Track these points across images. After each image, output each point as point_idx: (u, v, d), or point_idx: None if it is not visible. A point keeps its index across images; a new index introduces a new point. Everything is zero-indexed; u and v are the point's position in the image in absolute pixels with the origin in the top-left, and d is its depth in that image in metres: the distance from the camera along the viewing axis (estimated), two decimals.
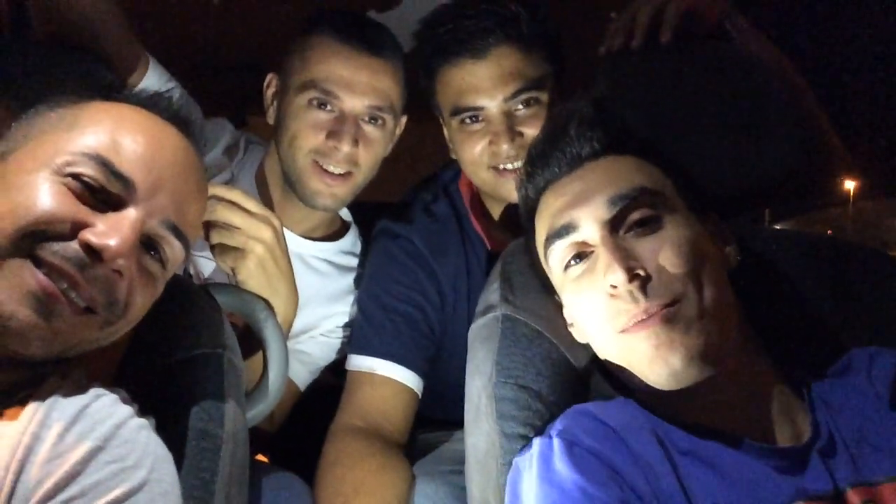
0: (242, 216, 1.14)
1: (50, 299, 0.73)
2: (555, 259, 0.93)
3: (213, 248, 1.17)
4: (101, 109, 0.84)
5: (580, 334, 0.96)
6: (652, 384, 0.85)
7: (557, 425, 0.86)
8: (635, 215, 0.88)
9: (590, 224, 0.89)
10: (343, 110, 1.33)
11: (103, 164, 0.78)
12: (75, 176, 0.77)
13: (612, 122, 0.99)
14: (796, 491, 0.78)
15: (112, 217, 0.77)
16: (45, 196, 0.75)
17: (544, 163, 0.98)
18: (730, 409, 0.85)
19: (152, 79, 1.24)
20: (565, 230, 0.91)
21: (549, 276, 0.98)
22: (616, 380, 0.95)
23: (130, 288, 0.80)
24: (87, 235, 0.74)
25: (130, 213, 0.78)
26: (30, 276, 0.72)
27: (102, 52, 1.11)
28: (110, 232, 0.75)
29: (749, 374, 0.86)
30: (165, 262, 0.85)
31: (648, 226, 0.87)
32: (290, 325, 1.29)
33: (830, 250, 1.10)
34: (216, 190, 1.14)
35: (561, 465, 0.79)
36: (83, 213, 0.76)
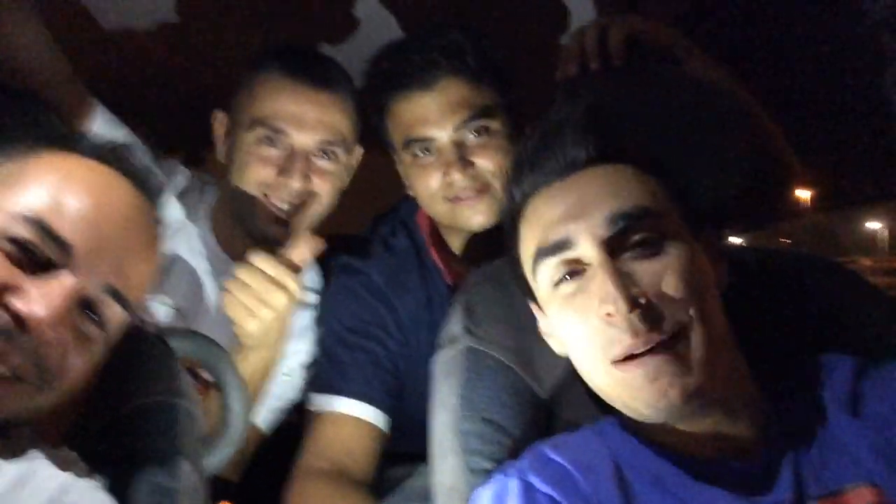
0: (259, 279, 1.14)
1: None
2: (544, 275, 0.86)
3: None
4: (47, 164, 0.80)
5: (560, 347, 0.91)
6: (640, 417, 0.81)
7: (516, 466, 0.84)
8: (637, 236, 0.82)
9: (587, 241, 0.81)
10: (293, 146, 1.32)
11: (40, 226, 0.74)
12: (11, 239, 0.73)
13: (609, 129, 0.92)
14: None
15: (44, 283, 0.73)
16: None
17: (536, 165, 0.90)
18: (706, 429, 0.82)
19: (99, 123, 1.21)
20: (559, 246, 0.83)
21: (534, 289, 0.91)
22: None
23: (64, 354, 0.75)
24: (15, 302, 0.71)
25: (64, 280, 0.74)
26: None
27: (45, 97, 1.08)
28: (39, 300, 0.72)
29: (733, 396, 0.84)
30: (104, 324, 0.80)
31: (649, 247, 0.81)
32: (269, 374, 1.30)
33: (787, 263, 1.11)
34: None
35: None
36: (14, 276, 0.72)
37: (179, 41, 1.69)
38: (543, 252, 0.85)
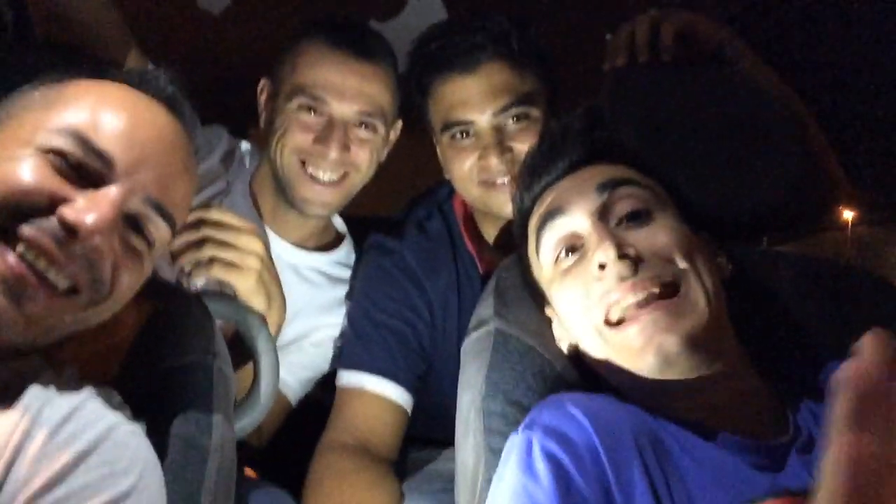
0: (231, 233, 1.13)
1: (19, 283, 0.71)
2: (545, 251, 0.93)
3: (186, 265, 1.13)
4: (83, 87, 0.83)
5: (568, 337, 0.95)
6: (640, 371, 0.84)
7: (531, 416, 0.85)
8: (625, 206, 0.88)
9: (580, 212, 0.89)
10: (332, 115, 1.32)
11: (81, 139, 0.77)
12: (55, 151, 0.76)
13: (605, 132, 1.00)
14: (773, 486, 0.77)
15: (92, 194, 0.76)
16: (24, 171, 0.74)
17: (540, 171, 0.99)
18: (713, 409, 0.84)
19: None
20: (552, 214, 0.91)
21: (539, 278, 0.97)
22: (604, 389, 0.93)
23: (116, 266, 0.78)
24: (64, 211, 0.73)
25: (110, 191, 0.77)
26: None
27: (103, 56, 1.11)
28: (88, 208, 0.74)
29: (738, 378, 0.86)
30: (151, 241, 0.83)
31: (639, 219, 0.88)
32: (279, 332, 1.28)
33: (825, 271, 1.09)
34: (196, 213, 1.13)
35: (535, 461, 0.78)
36: (62, 188, 0.75)
37: (227, 14, 1.71)
38: (542, 223, 0.93)
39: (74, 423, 0.72)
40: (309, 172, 1.35)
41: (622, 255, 0.82)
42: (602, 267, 0.83)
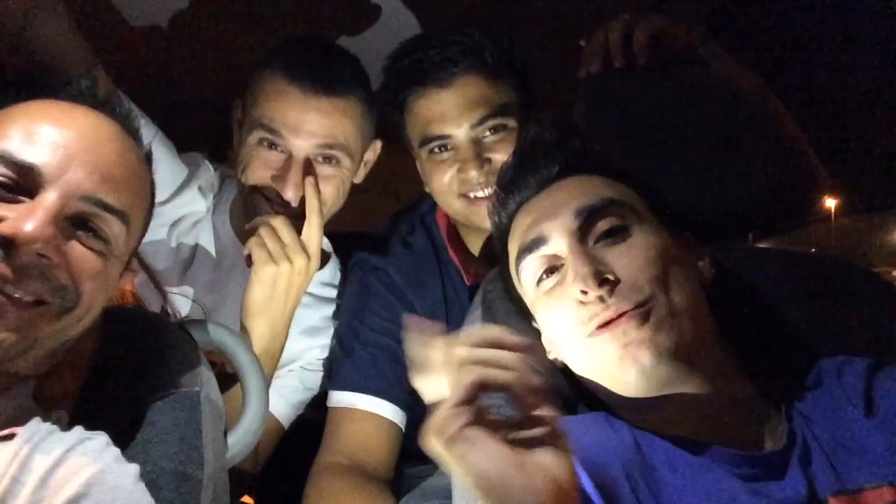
0: (291, 235, 1.20)
1: None
2: (527, 275, 0.94)
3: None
4: (5, 114, 0.83)
5: (557, 354, 0.96)
6: (621, 390, 0.85)
7: None
8: (603, 225, 0.89)
9: (558, 236, 0.90)
10: (290, 151, 1.30)
11: (4, 159, 0.77)
12: None
13: (576, 143, 1.00)
14: (770, 498, 0.77)
15: (26, 205, 0.77)
16: None
17: (514, 187, 1.00)
18: (704, 422, 0.84)
19: None
20: (535, 244, 0.92)
21: (523, 296, 0.97)
22: (594, 400, 0.93)
23: (75, 272, 0.78)
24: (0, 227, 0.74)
25: (44, 197, 0.77)
26: None
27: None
28: (23, 218, 0.75)
29: (724, 387, 0.86)
30: (105, 237, 0.82)
31: (617, 235, 0.89)
32: (275, 362, 1.28)
33: (810, 266, 1.10)
34: (311, 198, 1.25)
35: None
36: None
37: (204, 36, 1.71)
38: (522, 252, 0.94)
39: (66, 468, 0.71)
40: (273, 206, 1.32)
41: (601, 282, 0.83)
42: (584, 292, 0.84)
